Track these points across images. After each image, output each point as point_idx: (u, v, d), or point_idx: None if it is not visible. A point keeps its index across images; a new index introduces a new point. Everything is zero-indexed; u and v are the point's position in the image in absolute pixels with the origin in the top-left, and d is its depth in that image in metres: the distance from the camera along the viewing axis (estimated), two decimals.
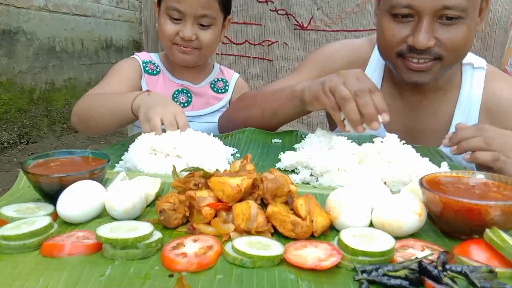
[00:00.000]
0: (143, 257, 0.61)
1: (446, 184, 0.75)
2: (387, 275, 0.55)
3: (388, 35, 1.14)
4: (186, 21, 1.39)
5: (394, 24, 1.12)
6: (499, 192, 0.71)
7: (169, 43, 1.44)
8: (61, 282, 0.55)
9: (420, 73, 1.13)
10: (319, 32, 2.96)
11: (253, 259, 0.59)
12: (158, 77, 1.55)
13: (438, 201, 0.68)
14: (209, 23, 1.41)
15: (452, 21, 1.06)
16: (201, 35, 1.41)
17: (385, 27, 1.14)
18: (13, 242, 0.61)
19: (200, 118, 1.55)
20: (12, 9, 3.95)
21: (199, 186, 0.75)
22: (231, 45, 3.11)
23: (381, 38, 1.18)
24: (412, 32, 1.09)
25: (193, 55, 1.45)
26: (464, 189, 0.74)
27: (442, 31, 1.08)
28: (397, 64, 1.16)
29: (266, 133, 1.32)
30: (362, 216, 0.70)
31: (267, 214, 0.69)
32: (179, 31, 1.40)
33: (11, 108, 4.01)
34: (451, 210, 0.66)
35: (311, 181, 0.95)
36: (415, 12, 1.07)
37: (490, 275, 0.55)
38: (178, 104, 1.21)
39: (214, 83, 1.61)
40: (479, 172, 0.79)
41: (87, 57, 5.10)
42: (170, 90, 1.54)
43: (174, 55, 1.47)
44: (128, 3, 5.92)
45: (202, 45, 1.43)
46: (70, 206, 0.70)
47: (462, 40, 1.09)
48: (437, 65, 1.12)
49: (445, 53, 1.10)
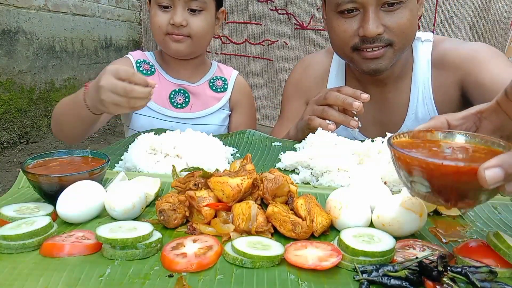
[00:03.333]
0: (142, 257, 0.61)
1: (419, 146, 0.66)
2: (387, 275, 0.55)
3: (339, 32, 1.23)
4: (176, 8, 1.38)
5: (342, 20, 1.21)
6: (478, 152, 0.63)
7: (161, 35, 1.41)
8: (61, 282, 0.55)
9: (376, 61, 1.22)
10: (319, 32, 2.96)
11: (253, 259, 0.59)
12: (153, 78, 1.51)
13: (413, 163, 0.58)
14: (200, 7, 1.39)
15: (394, 6, 1.16)
16: (192, 21, 1.39)
17: (335, 25, 1.23)
18: (13, 242, 0.61)
19: (199, 121, 1.52)
20: (12, 9, 3.95)
21: (199, 186, 0.75)
22: (231, 44, 3.11)
23: (334, 36, 1.27)
24: (360, 24, 1.18)
25: (186, 44, 1.42)
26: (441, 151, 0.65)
27: (387, 18, 1.17)
28: (354, 58, 1.25)
29: (266, 136, 1.31)
30: (362, 216, 0.70)
31: (267, 214, 0.68)
32: (169, 19, 1.38)
33: (11, 108, 4.00)
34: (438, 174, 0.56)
35: (311, 181, 0.95)
36: (360, 5, 1.17)
37: (490, 275, 0.55)
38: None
39: (213, 82, 1.57)
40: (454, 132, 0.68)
41: (86, 56, 5.10)
42: (166, 91, 1.51)
43: (167, 47, 1.44)
44: (128, 2, 5.91)
45: (194, 32, 1.40)
46: (70, 206, 0.70)
47: (407, 22, 1.18)
48: (390, 50, 1.21)
49: (394, 37, 1.19)
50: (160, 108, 1.49)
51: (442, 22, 2.75)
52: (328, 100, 1.15)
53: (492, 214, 0.81)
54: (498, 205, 0.84)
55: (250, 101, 1.68)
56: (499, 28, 2.66)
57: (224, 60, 3.07)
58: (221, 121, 1.56)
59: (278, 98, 3.09)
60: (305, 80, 1.53)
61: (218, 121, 1.56)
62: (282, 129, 1.48)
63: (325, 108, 1.16)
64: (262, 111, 3.13)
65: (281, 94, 1.53)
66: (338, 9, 1.19)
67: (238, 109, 1.61)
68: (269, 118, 3.13)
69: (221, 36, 3.08)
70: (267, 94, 3.13)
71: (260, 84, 3.13)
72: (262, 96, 3.14)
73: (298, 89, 1.54)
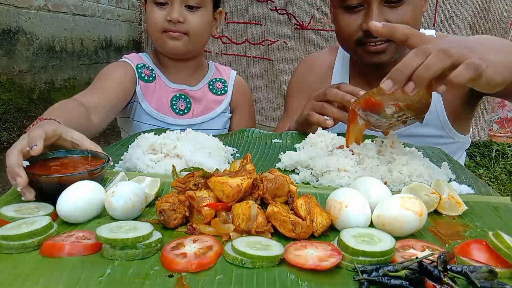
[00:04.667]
0: (142, 257, 0.61)
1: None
2: (388, 275, 0.55)
3: (344, 26, 1.27)
4: (173, 4, 1.36)
5: (347, 15, 1.25)
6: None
7: (158, 32, 1.39)
8: (61, 282, 0.55)
9: (379, 54, 1.26)
10: (319, 32, 2.96)
11: (253, 259, 0.59)
12: (154, 84, 1.48)
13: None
14: (197, 4, 1.37)
15: (397, 3, 1.20)
16: (189, 17, 1.37)
17: (340, 19, 1.28)
18: (13, 242, 0.61)
19: (201, 126, 1.50)
20: (12, 9, 3.95)
21: (199, 186, 0.75)
22: (231, 44, 3.11)
23: (339, 31, 1.31)
24: (364, 19, 1.21)
25: (183, 41, 1.39)
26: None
27: (390, 13, 1.20)
28: (358, 52, 1.29)
29: (266, 133, 1.32)
30: (362, 216, 0.70)
31: (267, 214, 0.68)
32: (166, 16, 1.36)
33: (11, 108, 4.00)
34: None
35: (311, 181, 0.95)
36: (364, 1, 1.20)
37: (490, 275, 0.55)
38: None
39: (212, 84, 1.55)
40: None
41: (86, 56, 5.10)
42: (167, 97, 1.48)
43: (163, 44, 1.41)
44: (128, 2, 5.91)
45: (191, 30, 1.38)
46: (70, 206, 0.70)
47: (409, 18, 1.20)
48: (392, 45, 1.24)
49: None
50: (162, 116, 1.46)
51: (442, 22, 2.75)
52: (328, 96, 1.18)
53: (492, 214, 0.81)
54: (498, 205, 0.84)
55: (250, 102, 1.68)
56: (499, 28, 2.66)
57: (224, 60, 3.06)
58: (223, 125, 1.55)
59: (278, 98, 3.09)
60: (309, 77, 1.56)
61: (220, 125, 1.54)
62: (285, 125, 1.50)
63: (324, 104, 1.18)
64: (262, 111, 3.13)
65: (281, 94, 1.55)
66: (344, 4, 1.23)
67: (239, 111, 1.60)
68: (269, 118, 3.13)
69: (221, 36, 3.08)
70: (267, 94, 3.13)
71: (260, 84, 3.13)
72: (262, 96, 3.14)
73: (302, 86, 1.56)
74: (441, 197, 0.79)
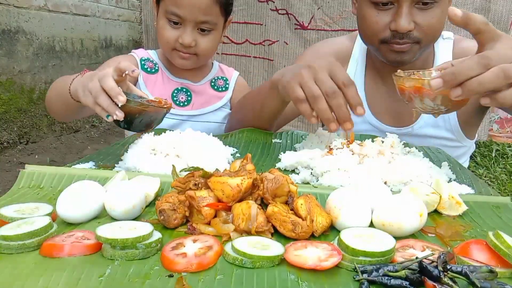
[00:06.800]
0: (142, 257, 0.60)
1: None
2: (388, 275, 0.55)
3: (371, 23, 1.22)
4: (186, 27, 1.37)
5: (375, 11, 1.21)
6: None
7: (169, 48, 1.42)
8: (61, 282, 0.55)
9: (402, 54, 1.23)
10: (319, 32, 2.96)
11: (253, 259, 0.59)
12: (156, 76, 1.53)
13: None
14: (209, 28, 1.40)
15: (428, 5, 1.17)
16: (200, 41, 1.39)
17: (367, 15, 1.23)
18: (13, 242, 0.61)
19: (201, 117, 1.53)
20: (12, 9, 3.95)
21: (199, 186, 0.75)
22: (231, 44, 3.11)
23: (364, 26, 1.26)
24: (393, 18, 1.18)
25: (191, 61, 1.44)
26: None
27: (420, 15, 1.17)
28: (380, 48, 1.26)
29: (266, 133, 1.32)
30: (362, 216, 0.70)
31: (267, 214, 0.68)
32: (178, 37, 1.38)
33: (10, 108, 4.00)
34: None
35: (311, 181, 0.95)
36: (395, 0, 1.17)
37: (491, 275, 0.55)
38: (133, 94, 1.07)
39: (214, 81, 1.59)
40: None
41: (86, 56, 5.10)
42: (169, 89, 1.53)
43: (173, 59, 1.46)
44: (128, 2, 5.91)
45: (201, 52, 1.42)
46: (69, 206, 0.70)
47: (437, 22, 1.19)
48: (416, 46, 1.22)
49: (423, 36, 1.20)
50: None
51: None
52: (328, 96, 0.97)
53: (492, 214, 0.81)
54: (498, 205, 0.84)
55: None
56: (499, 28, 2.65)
57: (225, 60, 3.07)
58: (222, 119, 1.58)
59: None
60: (327, 49, 1.50)
61: (219, 119, 1.57)
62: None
63: (318, 97, 0.96)
64: None
65: None
66: (373, 0, 1.20)
67: None
68: None
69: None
70: None
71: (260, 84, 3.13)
72: None
73: (318, 55, 1.46)
74: (441, 197, 0.79)
